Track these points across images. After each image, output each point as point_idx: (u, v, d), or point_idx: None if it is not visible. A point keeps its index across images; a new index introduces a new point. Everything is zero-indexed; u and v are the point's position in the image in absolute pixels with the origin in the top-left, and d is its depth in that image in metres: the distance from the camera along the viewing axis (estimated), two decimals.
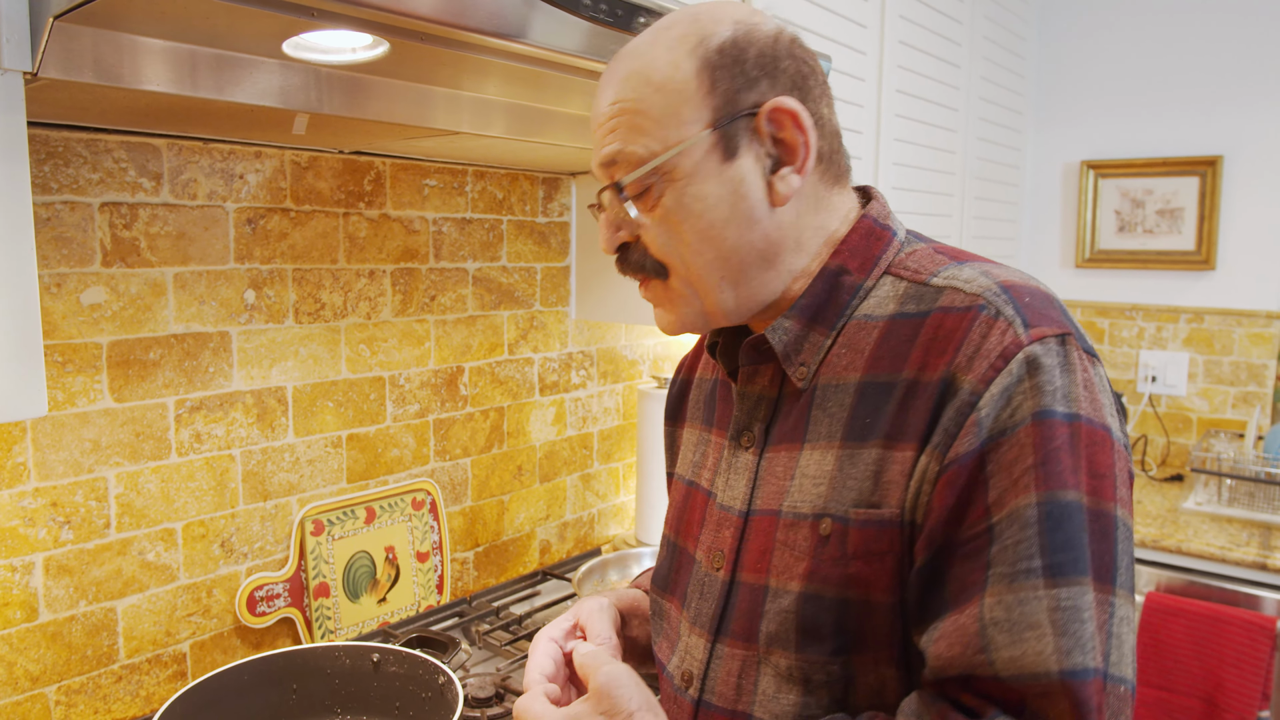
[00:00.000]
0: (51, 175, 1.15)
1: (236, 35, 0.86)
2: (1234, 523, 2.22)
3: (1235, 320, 2.65)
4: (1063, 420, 0.62)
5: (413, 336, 1.62)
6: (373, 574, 1.55)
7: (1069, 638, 0.60)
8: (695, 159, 0.72)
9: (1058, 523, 0.61)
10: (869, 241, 0.77)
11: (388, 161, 1.54)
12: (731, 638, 0.76)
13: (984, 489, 0.63)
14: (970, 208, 2.53)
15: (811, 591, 0.70)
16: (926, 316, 0.69)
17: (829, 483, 0.71)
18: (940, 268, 0.72)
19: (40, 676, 1.19)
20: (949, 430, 0.64)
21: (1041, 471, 0.61)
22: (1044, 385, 0.62)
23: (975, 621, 0.62)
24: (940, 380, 0.66)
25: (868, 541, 0.68)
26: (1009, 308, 0.66)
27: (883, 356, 0.70)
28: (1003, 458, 0.62)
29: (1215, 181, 2.62)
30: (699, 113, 0.72)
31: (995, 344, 0.64)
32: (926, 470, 0.65)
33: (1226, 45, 2.62)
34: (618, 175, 0.75)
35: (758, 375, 0.79)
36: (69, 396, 1.19)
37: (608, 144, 0.75)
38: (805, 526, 0.71)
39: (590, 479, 2.02)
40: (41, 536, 1.18)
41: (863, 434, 0.70)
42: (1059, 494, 0.61)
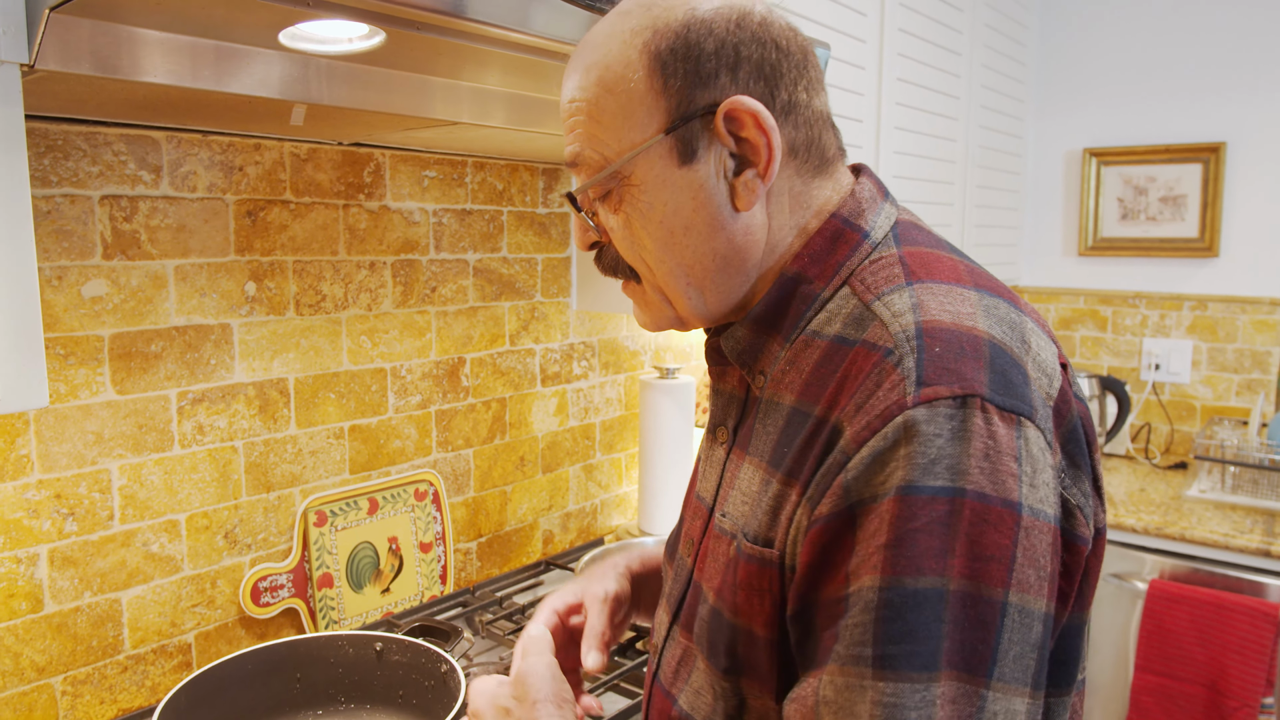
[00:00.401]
0: (51, 168, 1.16)
1: (233, 26, 0.86)
2: (1238, 510, 2.22)
3: (1239, 307, 2.64)
4: (933, 496, 0.55)
5: (414, 328, 1.62)
6: (376, 564, 1.55)
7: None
8: (652, 163, 0.68)
9: (897, 611, 0.54)
10: (833, 245, 0.70)
11: (387, 153, 1.54)
12: (682, 625, 0.77)
13: (847, 554, 0.57)
14: (972, 196, 2.52)
15: (717, 608, 0.69)
16: (852, 347, 0.64)
17: (750, 504, 0.68)
18: (886, 288, 0.65)
19: (46, 667, 1.20)
20: (820, 485, 0.60)
21: (890, 554, 0.55)
22: (916, 456, 0.55)
23: (813, 694, 0.58)
24: (831, 426, 0.61)
25: (751, 576, 0.65)
26: (910, 358, 0.59)
27: (813, 384, 0.66)
28: (865, 526, 0.57)
29: (1218, 168, 2.61)
30: (652, 116, 0.68)
31: (880, 400, 0.58)
32: (799, 522, 0.62)
33: (1229, 31, 2.60)
34: (579, 175, 0.73)
35: (726, 375, 0.77)
36: (71, 389, 1.19)
37: (569, 142, 0.72)
38: (724, 542, 0.70)
39: (593, 469, 2.03)
40: (46, 528, 1.18)
41: (777, 462, 0.66)
42: (904, 580, 0.54)
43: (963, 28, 2.35)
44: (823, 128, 0.73)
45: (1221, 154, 2.61)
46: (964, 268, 0.68)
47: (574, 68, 0.72)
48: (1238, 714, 1.97)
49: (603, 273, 0.77)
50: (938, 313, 0.61)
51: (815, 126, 0.72)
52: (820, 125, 0.72)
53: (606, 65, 0.69)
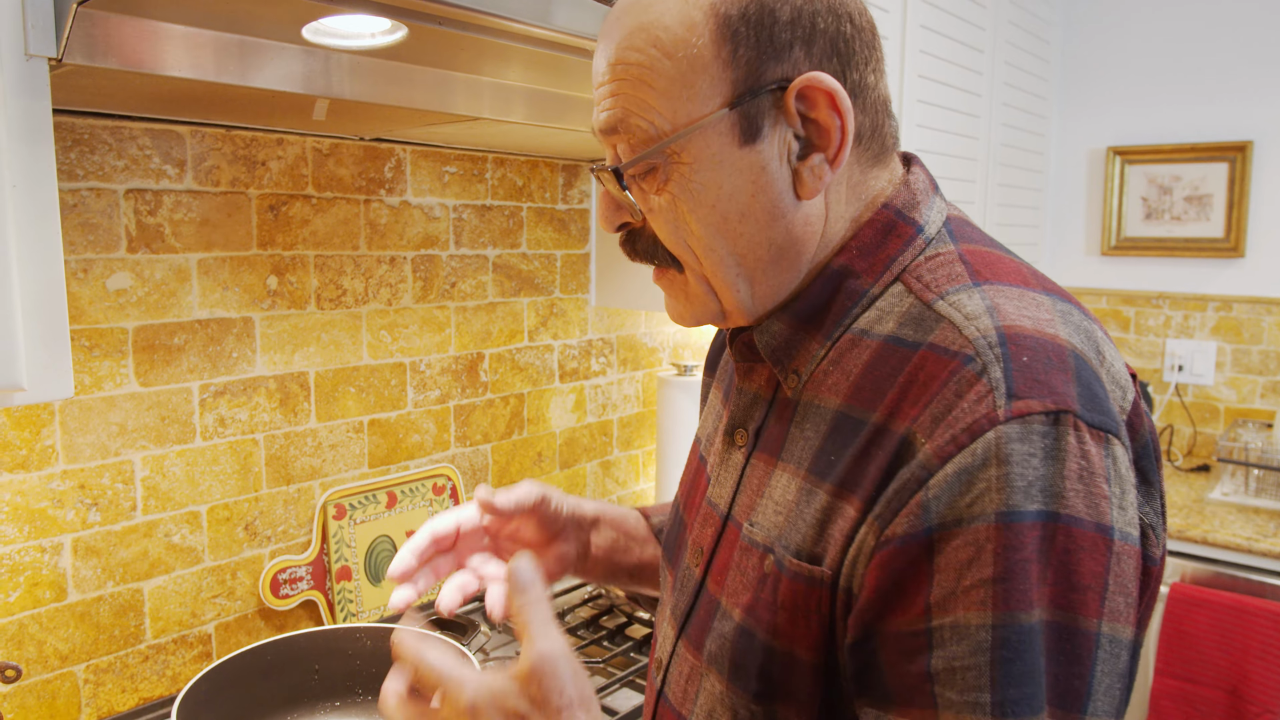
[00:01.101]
0: (77, 162, 1.17)
1: (257, 20, 0.87)
2: (1261, 513, 2.19)
3: (1265, 308, 2.61)
4: (1034, 522, 0.51)
5: (433, 323, 1.63)
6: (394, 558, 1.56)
7: None
8: (709, 141, 0.61)
9: (1016, 652, 0.51)
10: (884, 239, 0.65)
11: (408, 148, 1.55)
12: (687, 640, 0.72)
13: (926, 583, 0.53)
14: (994, 194, 2.50)
15: (747, 627, 0.64)
16: (916, 350, 0.58)
17: (786, 515, 0.63)
18: (951, 287, 0.60)
19: (69, 655, 1.21)
20: (892, 503, 0.55)
21: (1000, 589, 0.51)
22: (1014, 477, 0.51)
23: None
24: (900, 437, 0.56)
25: (796, 596, 0.60)
26: (997, 367, 0.54)
27: (864, 387, 0.60)
28: (954, 555, 0.52)
29: (1245, 167, 2.58)
30: (716, 86, 0.61)
31: (966, 413, 0.53)
32: (865, 540, 0.56)
33: (1255, 29, 2.57)
34: (617, 145, 0.65)
35: (754, 373, 0.72)
36: (96, 380, 1.21)
37: (607, 109, 0.64)
38: (755, 556, 0.65)
39: (610, 466, 2.03)
40: (70, 518, 1.20)
41: (823, 471, 0.61)
42: (1019, 616, 0.51)
43: (986, 24, 2.33)
44: (885, 114, 0.67)
45: (1248, 153, 2.58)
46: (1028, 270, 0.63)
47: (619, 26, 0.63)
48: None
49: (633, 258, 0.70)
50: (1017, 318, 0.57)
51: (880, 112, 0.66)
52: (884, 111, 0.67)
53: (665, 26, 0.61)
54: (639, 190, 0.65)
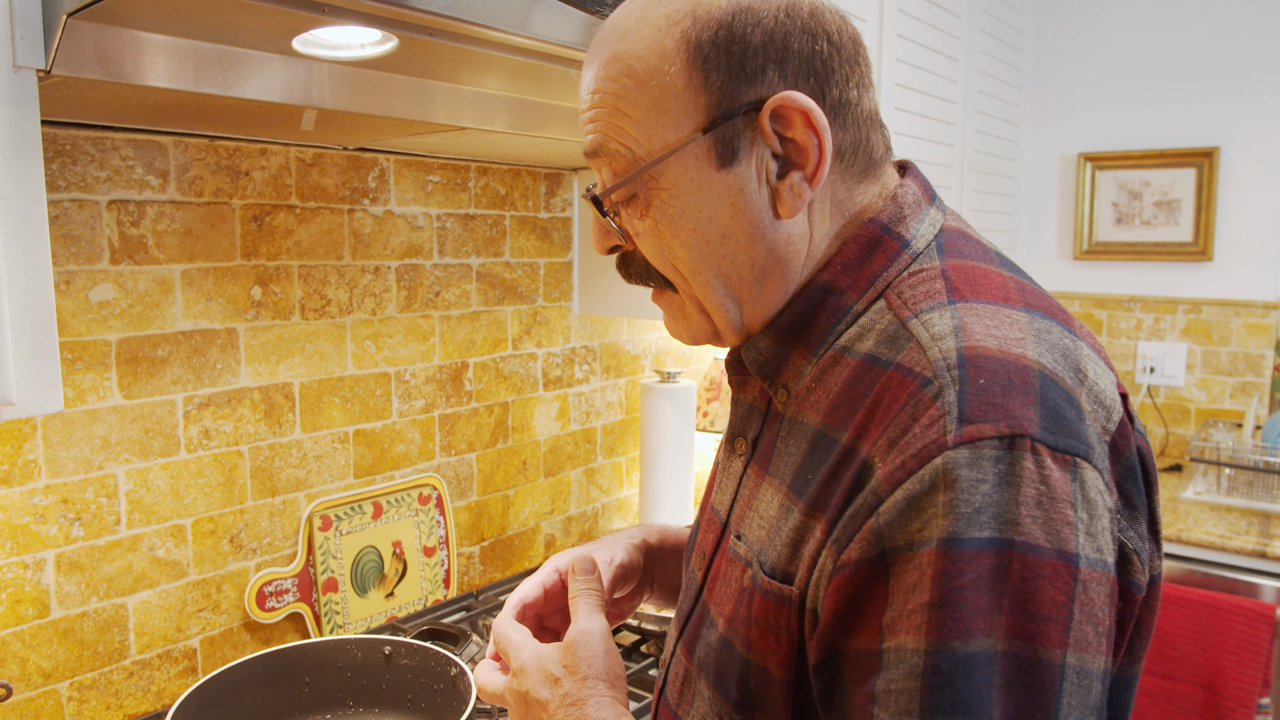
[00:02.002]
0: (59, 173, 1.16)
1: (248, 31, 0.87)
2: (1233, 511, 2.24)
3: (1233, 310, 2.67)
4: (978, 550, 0.49)
5: (417, 332, 1.62)
6: (380, 569, 1.55)
7: None
8: (686, 165, 0.62)
9: (946, 679, 0.49)
10: (869, 254, 0.64)
11: (391, 158, 1.55)
12: (684, 644, 0.72)
13: (880, 605, 0.52)
14: (968, 200, 2.54)
15: (728, 637, 0.64)
16: (885, 370, 0.58)
17: (768, 530, 0.63)
18: (926, 305, 0.59)
19: (53, 673, 1.19)
20: (848, 528, 0.54)
21: (935, 614, 0.49)
22: (959, 504, 0.50)
23: None
24: (862, 460, 0.55)
25: (767, 612, 0.60)
26: (952, 390, 0.53)
27: (841, 406, 0.60)
28: (903, 579, 0.51)
29: (1212, 173, 2.64)
30: (689, 113, 0.61)
31: (917, 438, 0.52)
32: (824, 564, 0.56)
33: (1222, 37, 2.63)
34: (601, 169, 0.66)
35: (747, 385, 0.72)
36: (79, 394, 1.19)
37: (589, 133, 0.65)
38: (738, 568, 0.65)
39: (594, 473, 2.03)
40: (52, 533, 1.18)
41: (800, 489, 0.61)
42: (952, 644, 0.49)
43: (959, 33, 2.36)
44: (871, 128, 0.66)
45: (1215, 158, 2.63)
46: (1014, 284, 0.62)
47: (597, 55, 0.65)
48: (1234, 714, 1.98)
49: (629, 280, 0.72)
50: (982, 338, 0.55)
51: (864, 127, 0.65)
52: (869, 125, 0.66)
53: (638, 55, 0.62)
54: (625, 215, 0.66)
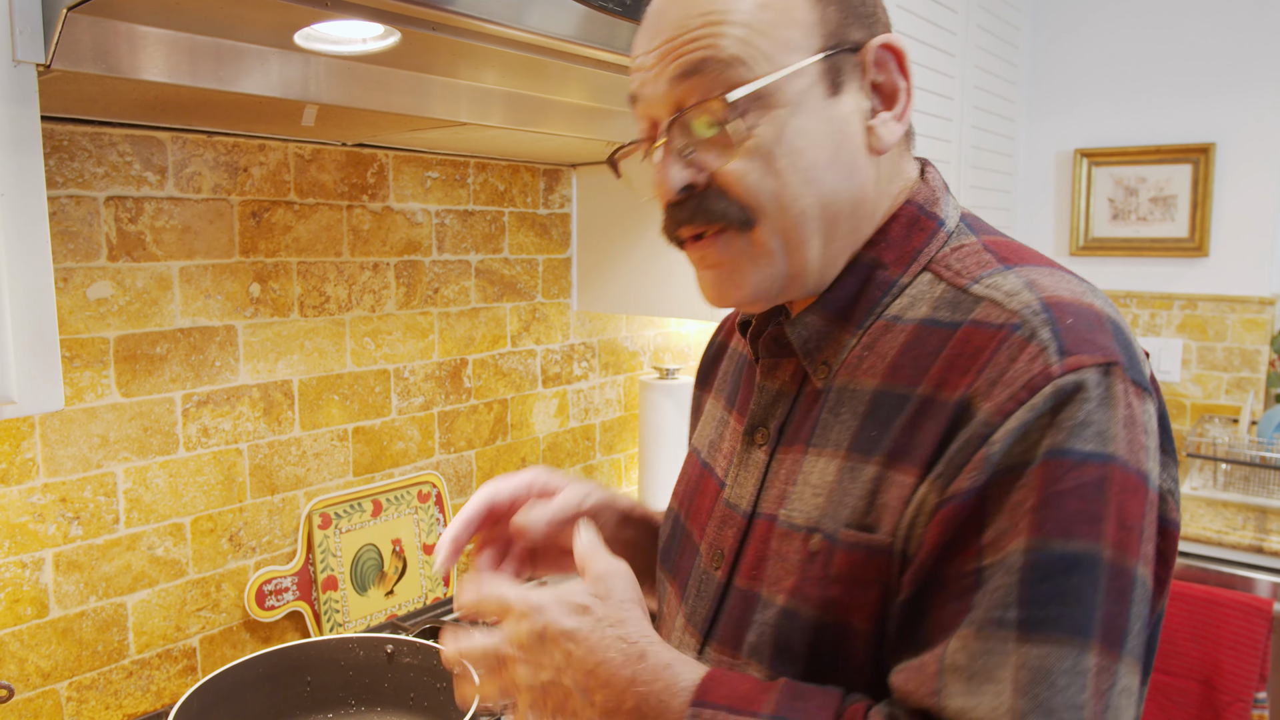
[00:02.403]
0: (56, 169, 1.15)
1: (250, 26, 0.86)
2: (1230, 506, 2.24)
3: (1228, 306, 2.67)
4: (1082, 460, 0.54)
5: (416, 329, 1.61)
6: (380, 566, 1.55)
7: (1029, 700, 0.53)
8: (801, 87, 0.63)
9: (1044, 574, 0.54)
10: (910, 232, 0.69)
11: (390, 154, 1.54)
12: (719, 643, 0.72)
13: (979, 528, 0.56)
14: (965, 196, 2.54)
15: (791, 608, 0.65)
16: (957, 329, 0.62)
17: (827, 495, 0.65)
18: (984, 272, 0.64)
19: (51, 673, 1.19)
20: (955, 461, 0.57)
21: (1038, 516, 0.54)
22: (1066, 421, 0.55)
23: (936, 662, 0.56)
24: (955, 403, 0.59)
25: (853, 566, 0.62)
26: (1046, 330, 0.58)
27: (903, 366, 0.63)
28: (1007, 498, 0.55)
29: (1208, 169, 2.64)
30: (808, 38, 0.64)
31: (1022, 371, 0.57)
32: (925, 501, 0.59)
33: (1217, 33, 2.63)
34: (692, 95, 0.64)
35: (778, 369, 0.73)
36: (77, 392, 1.18)
37: (690, 51, 0.63)
38: (797, 539, 0.66)
39: (593, 470, 2.03)
40: (51, 532, 1.17)
41: (867, 448, 0.63)
42: (1053, 543, 0.54)
43: (956, 29, 2.36)
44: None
45: (1211, 155, 2.63)
46: (1048, 258, 0.67)
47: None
48: (1231, 708, 1.99)
49: (684, 223, 0.68)
50: (1054, 290, 0.61)
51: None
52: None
53: None
54: (717, 138, 0.65)
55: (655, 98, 0.66)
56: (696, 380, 0.95)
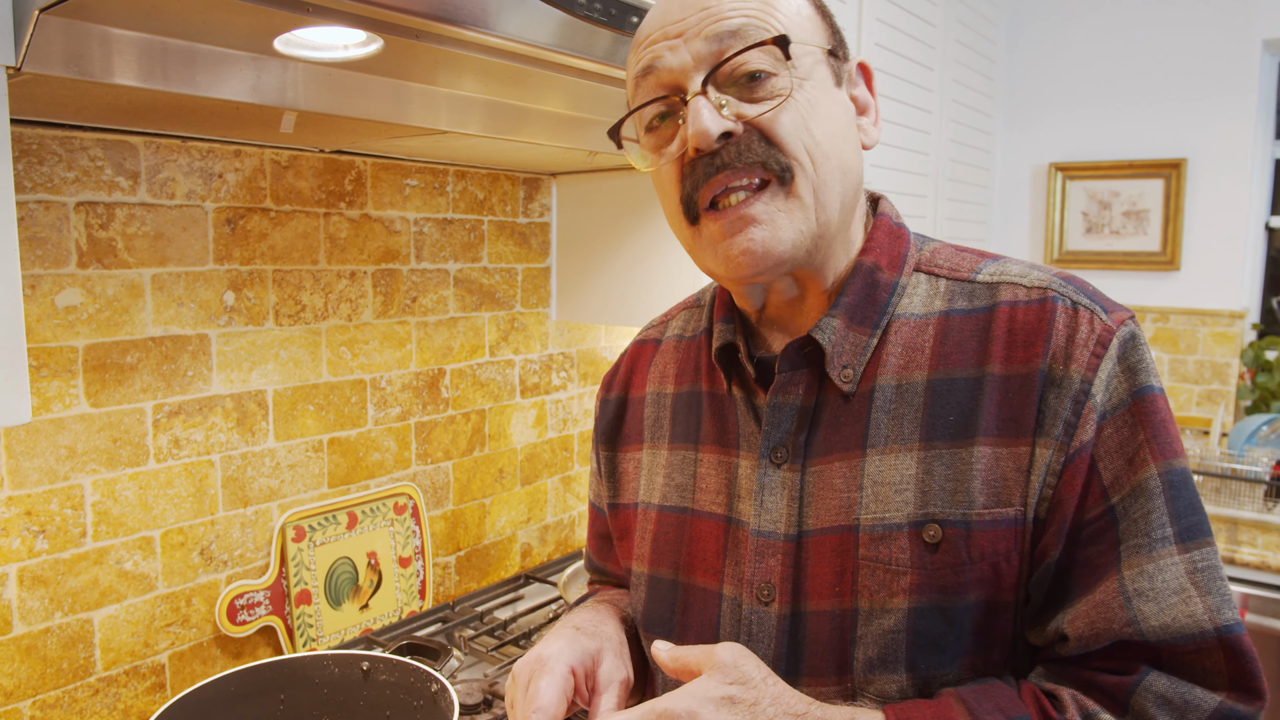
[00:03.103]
0: (25, 174, 1.12)
1: (229, 31, 0.84)
2: None
3: (1199, 320, 2.71)
4: (1156, 393, 0.65)
5: (394, 338, 1.59)
6: (355, 580, 1.52)
7: (1215, 595, 0.62)
8: (819, 68, 0.71)
9: (1179, 489, 0.63)
10: (893, 240, 0.75)
11: (368, 161, 1.52)
12: (811, 675, 0.69)
13: (1097, 473, 0.64)
14: (942, 209, 2.55)
15: (925, 604, 0.65)
16: (990, 311, 0.69)
17: (917, 487, 0.67)
18: (978, 265, 0.72)
19: (14, 691, 1.15)
20: (1068, 421, 0.64)
21: (1155, 445, 0.63)
22: (1137, 364, 0.65)
23: (1117, 595, 0.63)
24: (1038, 372, 0.65)
25: (994, 542, 0.65)
26: (1083, 297, 0.67)
27: (948, 354, 0.69)
28: (1110, 439, 0.64)
29: (1180, 184, 2.68)
30: (820, 33, 0.72)
31: (1088, 332, 0.65)
32: (1050, 463, 0.64)
33: (1190, 50, 2.67)
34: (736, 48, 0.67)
35: (792, 384, 0.72)
36: (44, 402, 1.15)
37: (732, 17, 0.67)
38: (902, 537, 0.66)
39: (571, 481, 2.01)
40: (15, 547, 1.14)
41: (953, 433, 0.67)
42: (1174, 462, 0.64)
43: (935, 43, 2.38)
44: None
45: (1182, 170, 2.67)
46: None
47: None
48: None
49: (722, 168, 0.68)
50: (1047, 266, 0.71)
51: None
52: None
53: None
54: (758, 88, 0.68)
55: (680, 63, 0.69)
56: (602, 442, 0.89)
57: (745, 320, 0.79)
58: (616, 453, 0.88)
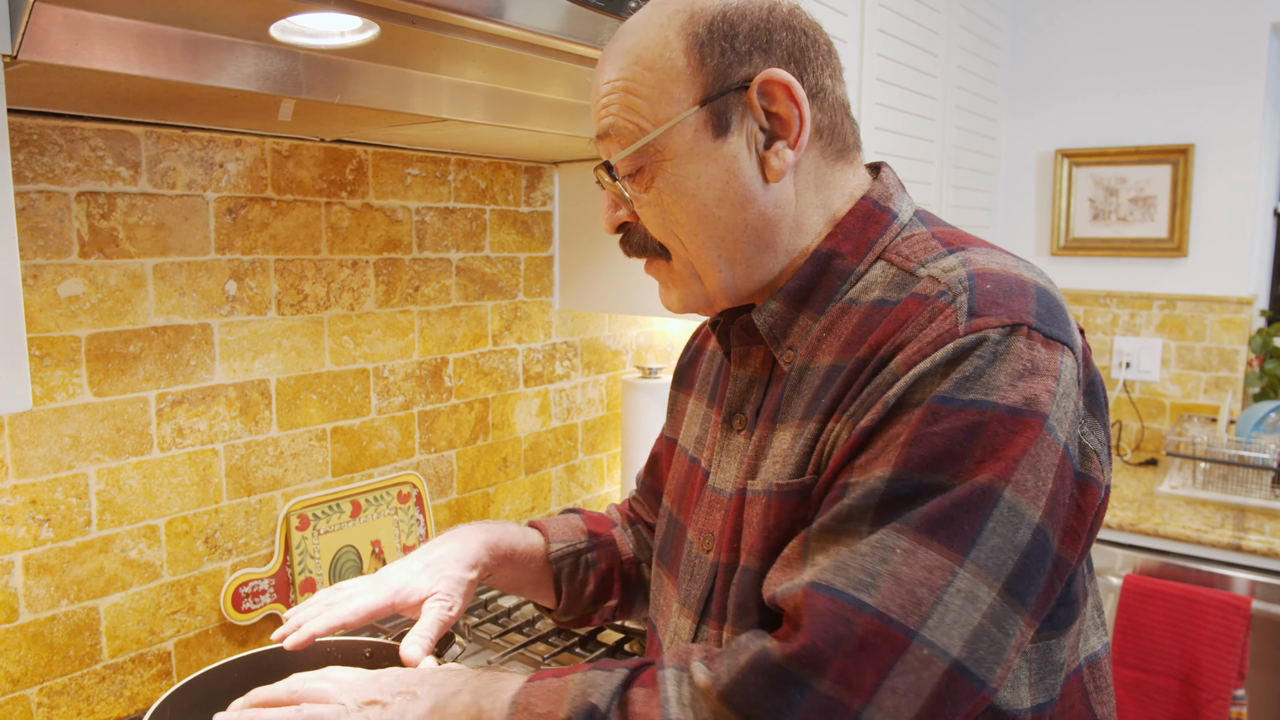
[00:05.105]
0: (26, 164, 1.12)
1: (225, 18, 0.84)
2: (1208, 505, 2.26)
3: (1207, 306, 2.69)
4: (961, 408, 0.60)
5: (396, 328, 1.60)
6: (359, 569, 1.53)
7: (830, 567, 0.60)
8: (686, 137, 0.71)
9: (895, 499, 0.60)
10: (865, 224, 0.75)
11: (369, 150, 1.52)
12: (713, 619, 0.77)
13: (857, 454, 0.64)
14: (948, 196, 2.54)
15: (750, 567, 0.72)
16: (898, 303, 0.68)
17: (782, 459, 0.72)
18: (929, 256, 0.71)
19: (21, 678, 1.16)
20: (864, 403, 0.64)
21: (906, 451, 0.60)
22: (955, 374, 0.61)
23: (798, 557, 0.64)
24: (879, 359, 0.66)
25: (789, 511, 0.69)
26: (964, 296, 0.64)
27: (853, 341, 0.70)
28: (887, 431, 0.62)
29: (1187, 170, 2.66)
30: (688, 90, 0.71)
31: (933, 330, 0.63)
32: (838, 438, 0.66)
33: (1197, 35, 2.65)
34: (611, 152, 0.75)
35: (750, 357, 0.79)
36: (47, 391, 1.16)
37: (600, 118, 0.75)
38: (759, 504, 0.72)
39: (575, 470, 2.02)
40: (21, 535, 1.15)
41: (811, 413, 0.70)
42: (911, 474, 0.60)
43: (939, 29, 2.37)
44: (843, 115, 0.78)
45: (1190, 156, 2.65)
46: (992, 244, 0.73)
47: (610, 55, 0.75)
48: (1210, 706, 2.00)
49: (628, 253, 0.80)
50: (986, 264, 0.67)
51: (838, 112, 0.77)
52: (841, 112, 0.77)
53: (645, 46, 0.73)
54: (631, 187, 0.75)
55: (596, 147, 0.77)
56: (673, 380, 1.02)
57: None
58: (679, 393, 1.00)
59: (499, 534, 0.98)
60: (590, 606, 1.05)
